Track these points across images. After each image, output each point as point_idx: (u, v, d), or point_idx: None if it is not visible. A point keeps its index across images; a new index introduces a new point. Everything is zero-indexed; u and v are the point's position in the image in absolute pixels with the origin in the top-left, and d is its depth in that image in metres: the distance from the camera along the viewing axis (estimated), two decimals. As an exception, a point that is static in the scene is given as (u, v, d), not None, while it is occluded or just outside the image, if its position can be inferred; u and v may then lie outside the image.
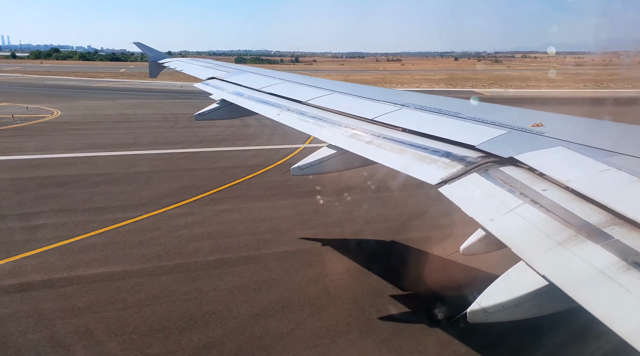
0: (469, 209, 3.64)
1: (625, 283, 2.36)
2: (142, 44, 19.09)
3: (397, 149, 5.19)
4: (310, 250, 10.07)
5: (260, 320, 7.44)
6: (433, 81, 66.72)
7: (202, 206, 12.76)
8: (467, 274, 8.06)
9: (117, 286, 8.38)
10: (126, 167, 16.97)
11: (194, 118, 10.43)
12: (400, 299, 8.11)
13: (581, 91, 53.46)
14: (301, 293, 8.25)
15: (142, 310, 7.65)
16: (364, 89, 9.36)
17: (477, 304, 2.93)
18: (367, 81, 63.80)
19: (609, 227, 2.81)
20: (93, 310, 7.63)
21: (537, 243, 2.94)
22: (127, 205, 12.71)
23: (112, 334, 7.02)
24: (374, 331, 7.23)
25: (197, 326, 7.26)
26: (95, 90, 47.91)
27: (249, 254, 9.83)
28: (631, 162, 3.53)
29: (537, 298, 2.79)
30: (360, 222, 11.77)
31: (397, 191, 13.66)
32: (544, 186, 3.51)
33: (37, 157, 18.08)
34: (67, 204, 12.63)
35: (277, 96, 8.80)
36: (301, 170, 6.30)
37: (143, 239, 10.44)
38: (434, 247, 10.02)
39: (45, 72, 70.58)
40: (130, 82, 59.05)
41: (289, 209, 12.64)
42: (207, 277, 8.80)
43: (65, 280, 8.57)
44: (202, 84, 12.22)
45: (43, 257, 9.46)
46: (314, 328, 7.25)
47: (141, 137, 22.80)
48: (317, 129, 6.69)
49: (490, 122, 5.16)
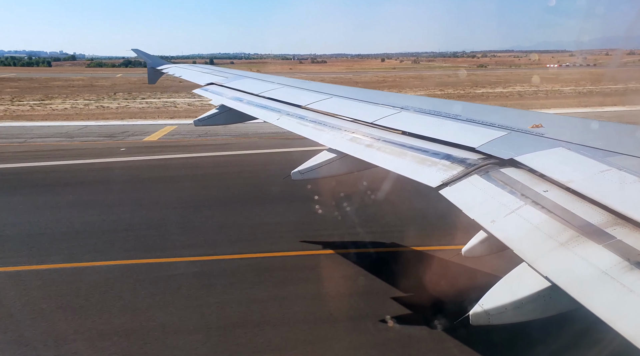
0: (470, 211, 3.64)
1: (628, 283, 2.36)
2: (140, 50, 19.18)
3: (397, 152, 5.20)
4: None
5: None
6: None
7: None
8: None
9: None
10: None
11: (194, 124, 10.47)
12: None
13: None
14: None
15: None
16: (363, 92, 9.40)
17: (479, 306, 2.93)
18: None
19: (610, 227, 2.81)
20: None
21: (539, 244, 2.94)
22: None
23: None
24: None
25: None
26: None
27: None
28: (632, 162, 3.53)
29: (540, 299, 2.78)
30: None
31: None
32: (544, 187, 3.51)
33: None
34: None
35: (276, 100, 8.82)
36: (301, 174, 6.31)
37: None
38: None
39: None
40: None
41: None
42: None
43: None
44: (202, 89, 12.27)
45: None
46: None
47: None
48: (316, 133, 6.70)
49: (490, 124, 5.17)
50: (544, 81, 62.21)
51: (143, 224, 11.71)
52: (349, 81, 66.26)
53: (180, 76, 15.43)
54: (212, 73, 14.50)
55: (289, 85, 10.34)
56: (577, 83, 59.13)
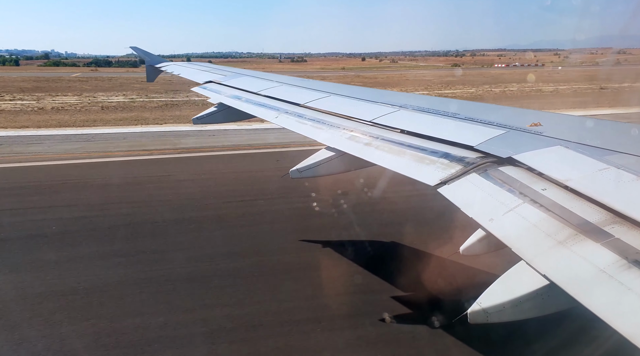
0: (469, 209, 3.64)
1: (626, 282, 2.36)
2: (138, 48, 19.14)
3: (395, 151, 5.20)
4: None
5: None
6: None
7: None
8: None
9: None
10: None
11: (192, 122, 10.44)
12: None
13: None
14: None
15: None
16: (362, 91, 9.39)
17: (477, 305, 2.93)
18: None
19: (608, 225, 2.82)
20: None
21: (537, 243, 2.94)
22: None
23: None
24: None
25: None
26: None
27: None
28: (630, 161, 3.54)
29: (538, 297, 2.78)
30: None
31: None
32: (543, 186, 3.51)
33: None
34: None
35: (275, 98, 8.81)
36: (300, 173, 6.30)
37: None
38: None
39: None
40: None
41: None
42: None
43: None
44: (200, 88, 12.24)
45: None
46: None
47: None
48: (315, 131, 6.70)
49: (488, 122, 5.17)
50: (478, 83, 59.21)
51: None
52: (305, 77, 66.20)
53: (179, 74, 15.40)
54: (210, 71, 14.49)
55: (288, 83, 10.32)
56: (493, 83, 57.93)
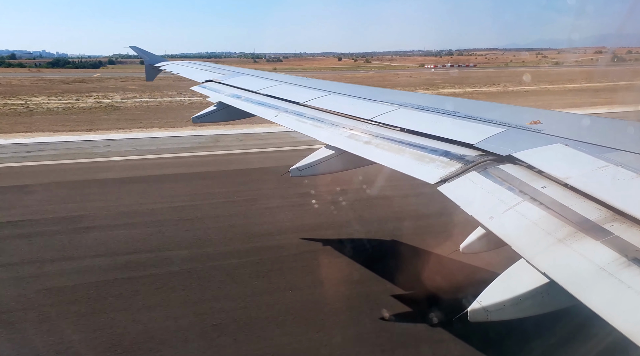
0: (469, 207, 3.63)
1: (625, 279, 2.36)
2: (137, 47, 19.09)
3: (395, 149, 5.19)
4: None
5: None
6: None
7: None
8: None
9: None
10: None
11: (192, 121, 10.43)
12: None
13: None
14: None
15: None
16: (362, 89, 9.37)
17: (477, 303, 2.93)
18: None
19: (608, 223, 2.81)
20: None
21: (537, 241, 2.94)
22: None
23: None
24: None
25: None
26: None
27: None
28: (629, 158, 3.53)
29: (538, 295, 2.78)
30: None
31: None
32: (542, 184, 3.51)
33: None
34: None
35: (274, 97, 8.79)
36: (299, 171, 6.29)
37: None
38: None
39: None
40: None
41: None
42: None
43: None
44: (199, 87, 12.23)
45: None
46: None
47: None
48: (315, 130, 6.69)
49: (488, 120, 5.16)
50: (416, 84, 58.55)
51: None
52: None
53: (178, 73, 15.37)
54: (209, 70, 14.47)
55: (288, 82, 10.31)
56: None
